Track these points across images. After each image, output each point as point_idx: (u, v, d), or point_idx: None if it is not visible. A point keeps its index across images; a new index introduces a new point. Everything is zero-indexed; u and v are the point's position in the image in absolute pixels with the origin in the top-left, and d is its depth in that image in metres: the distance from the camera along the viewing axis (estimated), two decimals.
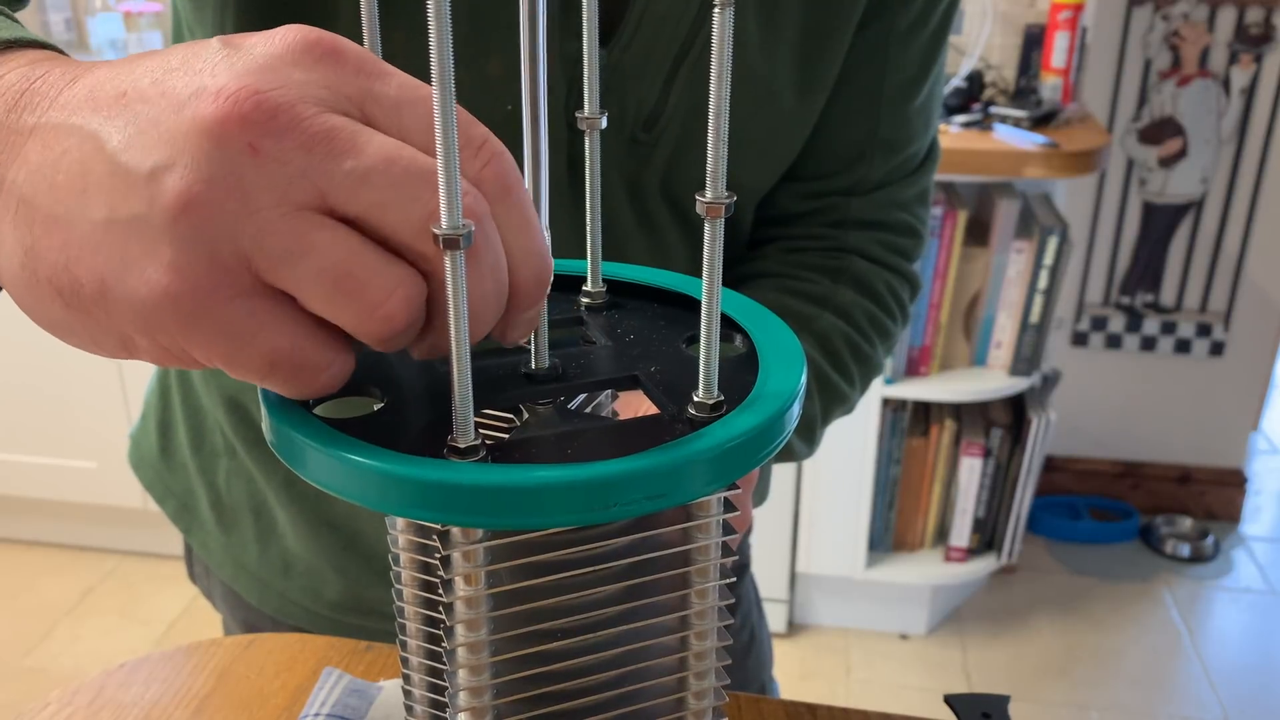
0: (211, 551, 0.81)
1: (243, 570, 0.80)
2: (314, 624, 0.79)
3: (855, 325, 0.72)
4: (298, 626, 0.80)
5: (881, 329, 0.73)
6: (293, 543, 0.77)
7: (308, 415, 0.33)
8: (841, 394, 0.71)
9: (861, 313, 0.72)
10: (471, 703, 0.36)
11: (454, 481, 0.30)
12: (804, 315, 0.70)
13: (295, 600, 0.79)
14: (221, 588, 0.84)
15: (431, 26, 0.28)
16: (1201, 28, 2.30)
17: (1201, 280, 2.48)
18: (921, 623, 2.29)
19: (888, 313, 0.74)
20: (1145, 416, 2.60)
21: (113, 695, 0.62)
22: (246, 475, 0.77)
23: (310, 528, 0.75)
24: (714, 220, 0.32)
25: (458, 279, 0.30)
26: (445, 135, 0.29)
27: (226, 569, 0.81)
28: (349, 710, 0.58)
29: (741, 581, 0.89)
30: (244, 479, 0.77)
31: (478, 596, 0.35)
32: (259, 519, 0.78)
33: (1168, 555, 2.54)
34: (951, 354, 2.09)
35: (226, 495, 0.79)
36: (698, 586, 0.37)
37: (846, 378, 0.71)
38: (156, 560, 2.46)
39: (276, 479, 0.75)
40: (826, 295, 0.72)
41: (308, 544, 0.76)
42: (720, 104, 0.30)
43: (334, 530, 0.75)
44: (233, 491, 0.78)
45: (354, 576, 0.76)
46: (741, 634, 0.87)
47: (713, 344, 0.33)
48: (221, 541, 0.80)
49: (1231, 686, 2.17)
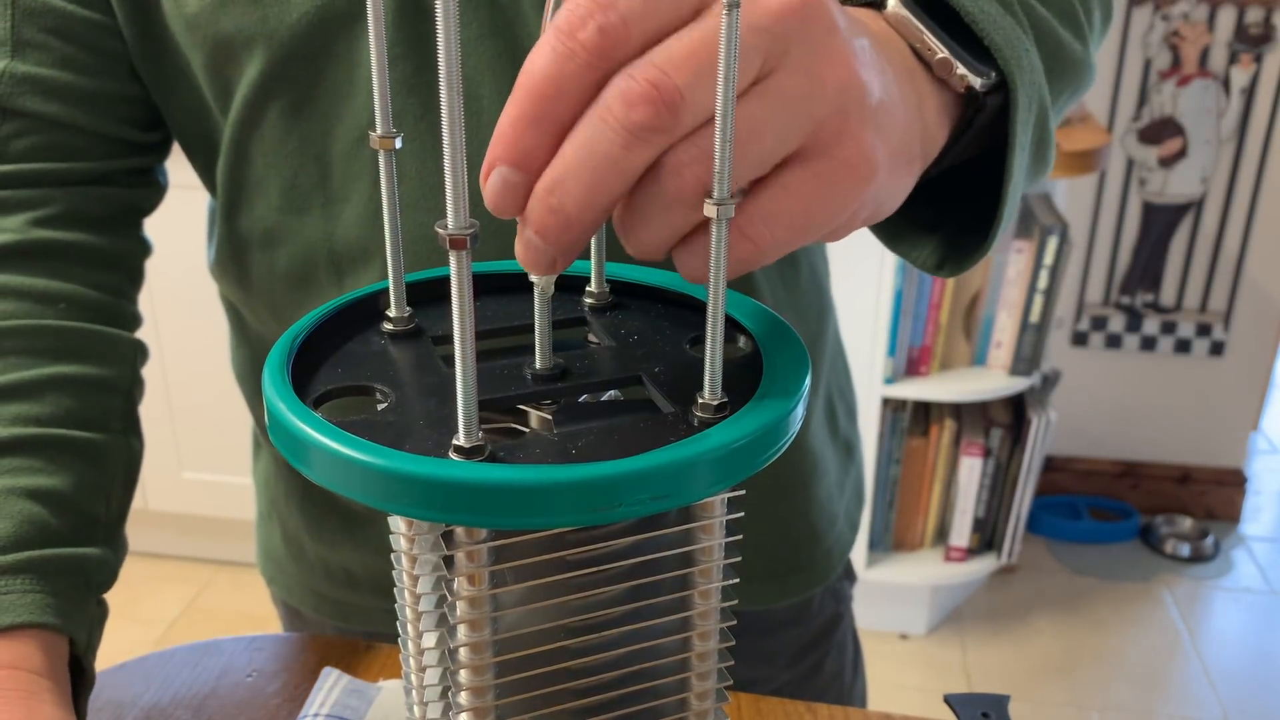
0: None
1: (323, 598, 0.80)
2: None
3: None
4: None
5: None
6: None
7: (312, 414, 0.33)
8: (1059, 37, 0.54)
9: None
10: (474, 703, 0.36)
11: (458, 481, 0.30)
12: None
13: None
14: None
15: (440, 26, 0.28)
16: (1201, 28, 2.30)
17: (1201, 280, 2.48)
18: (921, 623, 2.29)
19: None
20: (1145, 416, 2.60)
21: (113, 695, 0.62)
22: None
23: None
24: (719, 221, 0.32)
25: (463, 278, 0.30)
26: (452, 136, 0.29)
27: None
28: (348, 710, 0.58)
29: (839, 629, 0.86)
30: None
31: (481, 596, 0.35)
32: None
33: (1168, 555, 2.54)
34: (951, 354, 2.09)
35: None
36: (701, 587, 0.37)
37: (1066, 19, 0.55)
38: (156, 560, 2.46)
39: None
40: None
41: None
42: (726, 105, 0.30)
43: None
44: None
45: None
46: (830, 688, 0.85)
47: (717, 344, 0.33)
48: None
49: (1231, 686, 2.17)
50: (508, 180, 0.32)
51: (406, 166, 0.60)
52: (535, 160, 0.32)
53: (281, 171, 0.62)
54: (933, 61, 0.43)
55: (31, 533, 0.52)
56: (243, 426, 0.85)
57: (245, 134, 0.62)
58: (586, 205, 0.32)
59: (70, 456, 0.56)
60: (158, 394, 2.20)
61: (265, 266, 0.66)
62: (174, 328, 2.12)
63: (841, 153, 0.35)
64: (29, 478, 0.53)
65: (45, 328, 0.57)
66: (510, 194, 0.33)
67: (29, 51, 0.59)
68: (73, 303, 0.59)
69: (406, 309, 0.40)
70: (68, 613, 0.52)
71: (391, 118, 0.37)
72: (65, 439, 0.56)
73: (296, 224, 0.63)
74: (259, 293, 0.68)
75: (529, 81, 0.32)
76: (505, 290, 0.43)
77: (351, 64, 0.59)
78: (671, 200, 0.33)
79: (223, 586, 2.41)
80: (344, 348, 0.39)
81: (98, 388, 0.59)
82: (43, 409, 0.55)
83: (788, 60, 0.34)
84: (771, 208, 0.35)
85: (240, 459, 2.31)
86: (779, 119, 0.34)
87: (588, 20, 0.32)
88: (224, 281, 0.71)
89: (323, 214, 0.62)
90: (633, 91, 0.31)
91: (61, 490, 0.54)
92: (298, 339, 0.38)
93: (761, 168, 0.34)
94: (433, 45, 0.57)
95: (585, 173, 0.32)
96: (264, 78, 0.59)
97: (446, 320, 0.39)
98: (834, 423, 0.80)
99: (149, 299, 2.10)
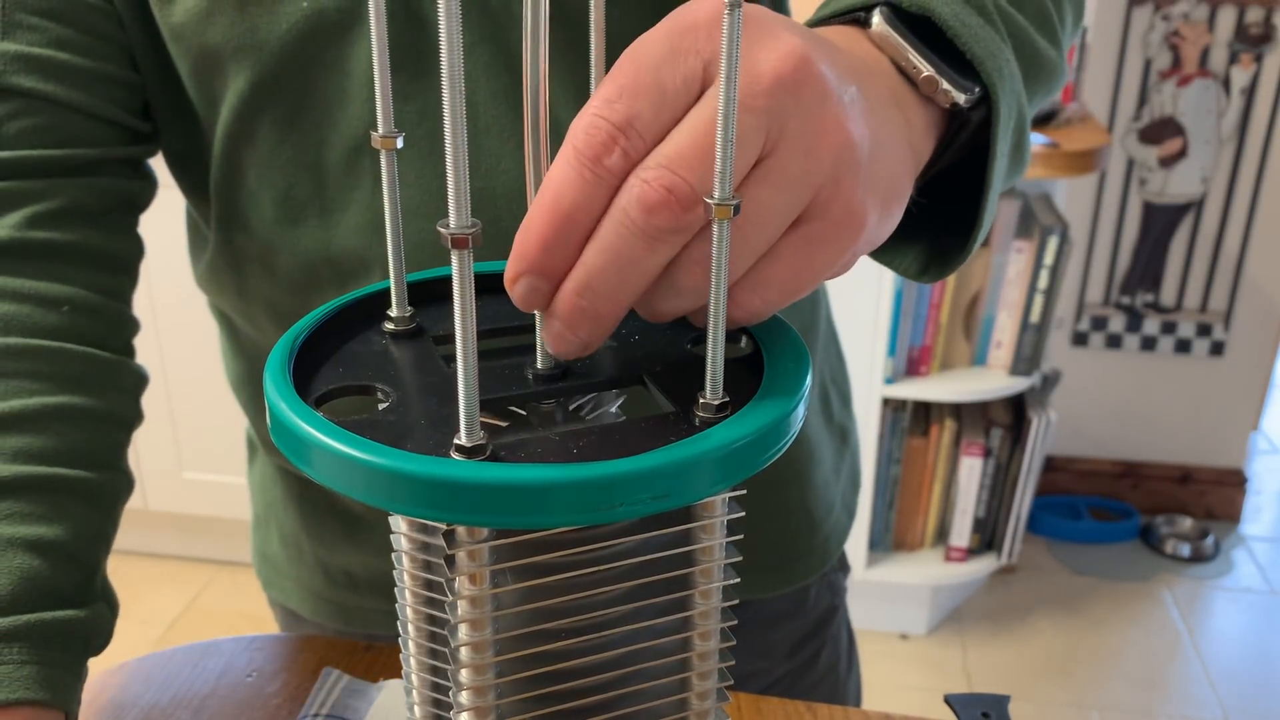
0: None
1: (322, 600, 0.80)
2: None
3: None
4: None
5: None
6: None
7: (314, 413, 0.33)
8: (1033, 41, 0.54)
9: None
10: (475, 702, 0.36)
11: (459, 480, 0.30)
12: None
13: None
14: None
15: (442, 25, 0.28)
16: (1201, 27, 2.30)
17: (1201, 280, 2.48)
18: (921, 622, 2.29)
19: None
20: (1145, 416, 2.60)
21: (113, 695, 0.62)
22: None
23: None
24: (720, 221, 0.32)
25: (464, 278, 0.30)
26: (454, 135, 0.29)
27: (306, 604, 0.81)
28: (348, 711, 0.58)
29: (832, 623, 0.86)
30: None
31: (482, 596, 0.35)
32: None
33: (1168, 555, 2.54)
34: (952, 354, 2.09)
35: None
36: (701, 587, 0.37)
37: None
38: (156, 560, 2.46)
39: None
40: None
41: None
42: (728, 105, 0.30)
43: None
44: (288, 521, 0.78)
45: None
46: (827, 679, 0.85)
47: (718, 344, 0.33)
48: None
49: (1231, 686, 2.17)
50: (537, 289, 0.35)
51: (406, 174, 0.59)
52: (561, 269, 0.34)
53: (275, 183, 0.61)
54: (917, 79, 0.44)
55: (31, 592, 0.50)
56: (242, 428, 0.85)
57: (236, 146, 0.61)
58: (615, 303, 0.35)
59: (74, 500, 0.54)
60: (158, 394, 2.19)
61: (264, 278, 0.65)
62: (174, 328, 2.12)
63: (832, 215, 0.36)
64: (31, 526, 0.51)
65: (53, 350, 0.56)
66: (539, 298, 0.35)
67: (21, 32, 0.58)
68: (75, 306, 0.58)
69: (408, 309, 0.40)
70: (63, 685, 0.50)
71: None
72: (69, 480, 0.54)
73: (293, 235, 0.62)
74: (259, 302, 0.67)
75: (554, 203, 0.34)
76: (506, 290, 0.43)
77: (343, 72, 0.58)
78: (685, 290, 0.35)
79: (223, 586, 2.41)
80: (345, 347, 0.39)
81: (105, 421, 0.57)
82: (46, 443, 0.53)
83: (785, 137, 0.35)
84: (763, 275, 0.36)
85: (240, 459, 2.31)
86: (781, 201, 0.35)
87: (611, 147, 0.34)
88: (218, 293, 0.70)
89: (320, 224, 0.61)
90: (650, 198, 0.33)
91: (64, 541, 0.52)
92: (299, 339, 0.38)
93: (769, 244, 0.36)
94: (427, 53, 0.57)
95: (611, 274, 0.34)
96: (254, 89, 0.59)
97: (448, 320, 0.39)
98: (828, 409, 0.81)
99: (149, 299, 2.11)
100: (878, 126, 0.39)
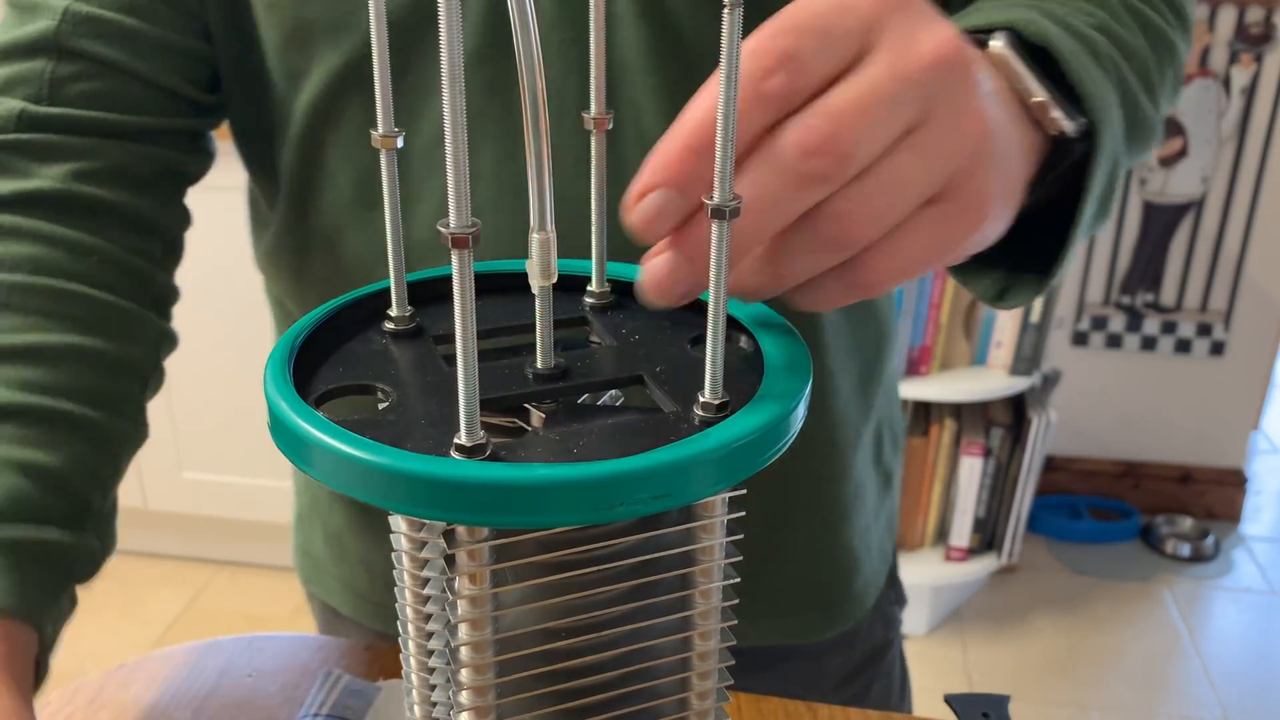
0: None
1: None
2: None
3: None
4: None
5: None
6: None
7: (314, 413, 0.33)
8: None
9: None
10: (475, 702, 0.36)
11: (460, 480, 0.30)
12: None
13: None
14: None
15: (442, 25, 0.28)
16: (1201, 27, 2.30)
17: (1202, 280, 2.48)
18: (921, 622, 2.29)
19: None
20: (1145, 416, 2.60)
21: (113, 695, 0.62)
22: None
23: None
24: (720, 221, 0.32)
25: (465, 277, 0.30)
26: (454, 135, 0.29)
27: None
28: (348, 711, 0.58)
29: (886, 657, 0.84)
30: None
31: (482, 596, 0.35)
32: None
33: (1168, 555, 2.54)
34: (952, 353, 2.09)
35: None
36: (702, 587, 0.37)
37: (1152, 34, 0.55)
38: (156, 560, 2.46)
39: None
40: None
41: None
42: (729, 105, 0.30)
43: None
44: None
45: None
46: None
47: (718, 344, 0.33)
48: None
49: (1231, 686, 2.17)
50: (668, 203, 0.35)
51: (483, 168, 0.59)
52: (697, 188, 0.34)
53: (355, 164, 0.61)
54: (1029, 103, 0.45)
55: (14, 508, 0.49)
56: (242, 428, 0.85)
57: (320, 123, 0.61)
58: (746, 240, 0.35)
59: (73, 434, 0.53)
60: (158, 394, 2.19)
61: (328, 261, 0.64)
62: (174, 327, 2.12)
63: (965, 196, 0.38)
64: (24, 450, 0.51)
65: (74, 293, 0.56)
66: (664, 217, 0.35)
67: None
68: (104, 258, 0.57)
69: (408, 308, 0.40)
70: (35, 600, 0.49)
71: (468, 120, 0.37)
72: (72, 414, 0.53)
73: (367, 218, 0.62)
74: (316, 287, 0.66)
75: (704, 116, 0.34)
76: (506, 290, 0.43)
77: (435, 61, 0.57)
78: (823, 243, 0.36)
79: (223, 586, 2.41)
80: (345, 347, 0.39)
81: (117, 367, 0.57)
82: (54, 378, 0.53)
83: (936, 113, 0.36)
84: (896, 242, 0.37)
85: (240, 459, 2.32)
86: (927, 171, 0.36)
87: (775, 71, 0.34)
88: (275, 275, 0.70)
89: None
90: (810, 143, 0.34)
91: (56, 469, 0.52)
92: (299, 338, 0.38)
93: (906, 213, 0.37)
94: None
95: (751, 211, 0.34)
96: (346, 68, 0.58)
97: (448, 319, 0.39)
98: (879, 451, 0.80)
99: None
100: (1006, 126, 0.41)
